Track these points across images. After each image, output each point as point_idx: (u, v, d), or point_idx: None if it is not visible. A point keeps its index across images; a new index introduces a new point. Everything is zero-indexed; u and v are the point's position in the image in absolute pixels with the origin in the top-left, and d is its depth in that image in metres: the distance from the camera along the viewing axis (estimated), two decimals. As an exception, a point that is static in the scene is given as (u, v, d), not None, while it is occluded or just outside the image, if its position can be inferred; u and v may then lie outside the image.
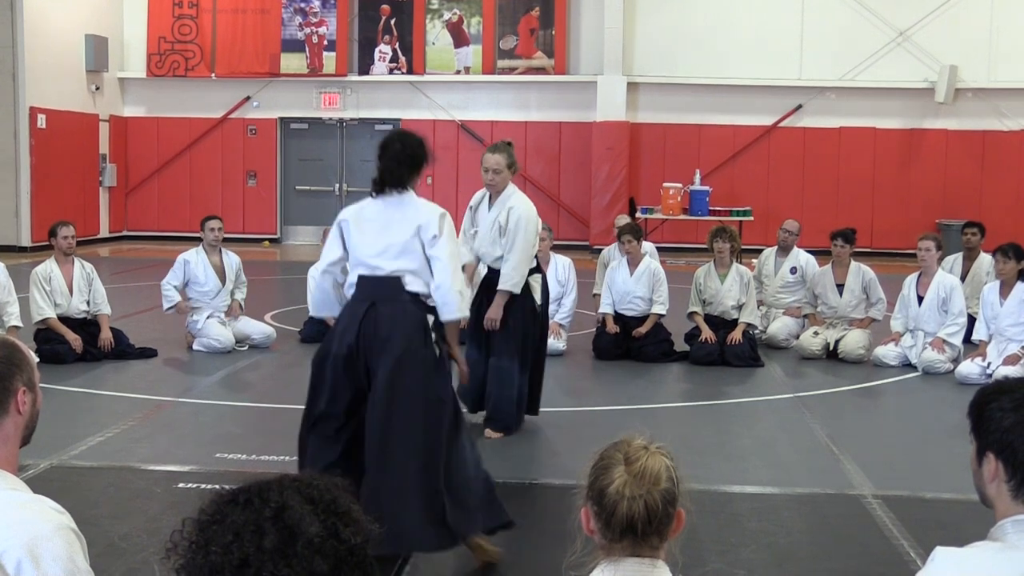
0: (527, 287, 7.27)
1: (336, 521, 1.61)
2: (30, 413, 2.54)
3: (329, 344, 5.01)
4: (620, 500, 2.29)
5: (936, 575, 2.23)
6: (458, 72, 21.46)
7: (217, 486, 1.65)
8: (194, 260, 10.31)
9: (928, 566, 2.26)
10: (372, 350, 4.87)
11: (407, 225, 5.01)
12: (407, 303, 4.97)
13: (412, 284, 5.00)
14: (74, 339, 9.36)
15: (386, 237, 5.02)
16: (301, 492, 1.63)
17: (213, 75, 21.78)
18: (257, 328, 10.46)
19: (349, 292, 5.12)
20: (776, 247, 11.35)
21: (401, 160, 5.11)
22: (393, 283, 4.99)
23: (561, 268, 10.38)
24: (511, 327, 7.22)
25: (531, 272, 7.32)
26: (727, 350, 9.82)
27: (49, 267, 9.57)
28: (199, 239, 10.59)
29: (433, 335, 4.98)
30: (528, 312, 7.31)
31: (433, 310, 5.02)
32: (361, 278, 5.04)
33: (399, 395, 4.80)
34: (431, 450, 4.80)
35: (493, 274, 7.30)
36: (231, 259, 10.51)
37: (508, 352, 7.23)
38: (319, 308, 5.44)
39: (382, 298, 4.97)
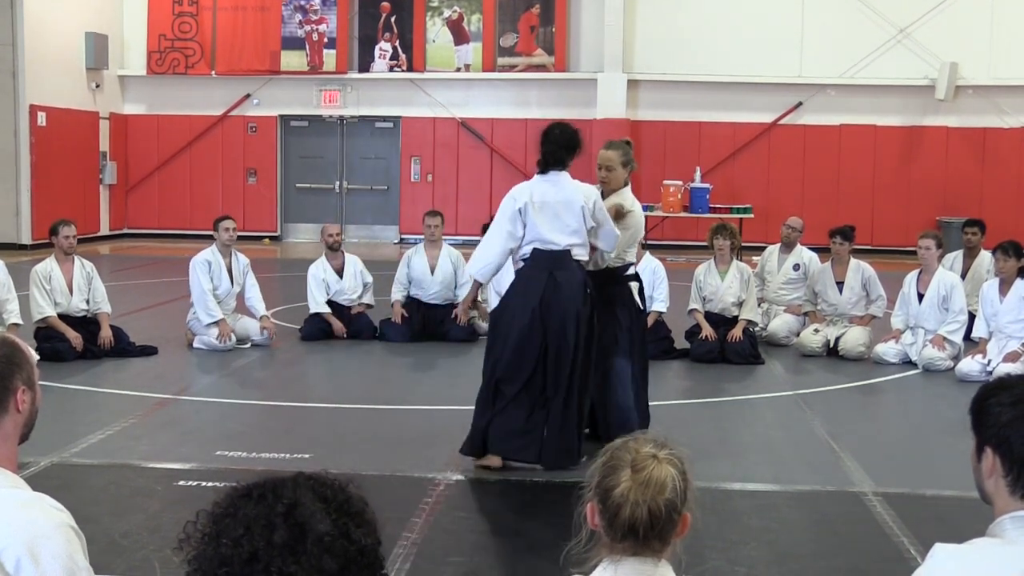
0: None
1: (348, 521, 1.62)
2: (29, 411, 2.54)
3: (510, 308, 6.30)
4: (624, 504, 2.29)
5: (935, 571, 2.23)
6: (458, 70, 21.45)
7: (218, 484, 1.65)
8: (213, 261, 10.24)
9: (928, 562, 2.27)
10: (552, 310, 6.15)
11: (574, 207, 6.28)
12: (575, 270, 6.28)
13: (578, 254, 6.32)
14: (74, 337, 9.35)
15: (561, 220, 6.26)
16: (315, 490, 1.64)
17: (213, 73, 21.77)
18: (257, 327, 10.44)
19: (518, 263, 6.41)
20: (779, 244, 11.35)
21: (562, 144, 6.43)
22: (565, 255, 6.27)
23: None
24: (621, 326, 6.78)
25: (630, 279, 6.92)
26: (727, 347, 9.82)
27: (49, 266, 9.57)
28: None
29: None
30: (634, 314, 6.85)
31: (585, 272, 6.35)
32: (536, 251, 6.30)
33: (577, 344, 6.19)
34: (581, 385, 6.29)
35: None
36: (240, 261, 10.48)
37: (620, 352, 6.76)
38: (489, 275, 6.60)
39: (558, 267, 6.24)
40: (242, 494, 1.64)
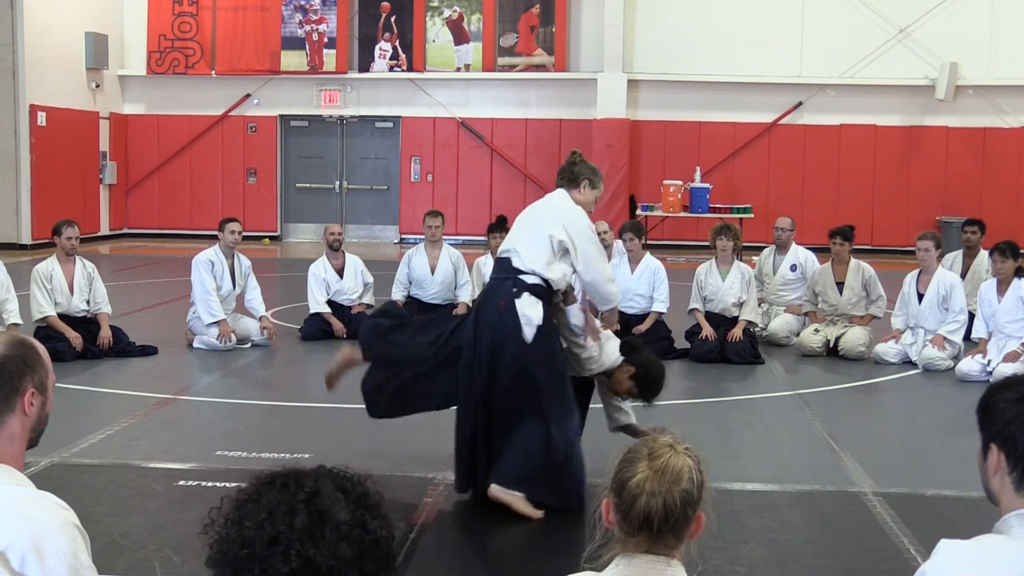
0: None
1: (364, 512, 1.69)
2: (38, 415, 2.53)
3: None
4: (639, 494, 2.31)
5: (940, 567, 2.24)
6: (458, 69, 21.45)
7: (218, 484, 1.67)
8: (216, 261, 10.21)
9: (933, 558, 2.27)
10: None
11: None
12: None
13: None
14: (74, 337, 9.35)
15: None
16: (335, 481, 1.72)
17: (213, 72, 21.77)
18: (257, 327, 10.43)
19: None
20: (774, 246, 11.33)
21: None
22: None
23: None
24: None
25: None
26: (728, 347, 9.81)
27: (50, 265, 9.57)
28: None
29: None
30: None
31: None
32: None
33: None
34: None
35: None
36: (243, 262, 10.46)
37: None
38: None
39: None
40: (266, 481, 1.73)
